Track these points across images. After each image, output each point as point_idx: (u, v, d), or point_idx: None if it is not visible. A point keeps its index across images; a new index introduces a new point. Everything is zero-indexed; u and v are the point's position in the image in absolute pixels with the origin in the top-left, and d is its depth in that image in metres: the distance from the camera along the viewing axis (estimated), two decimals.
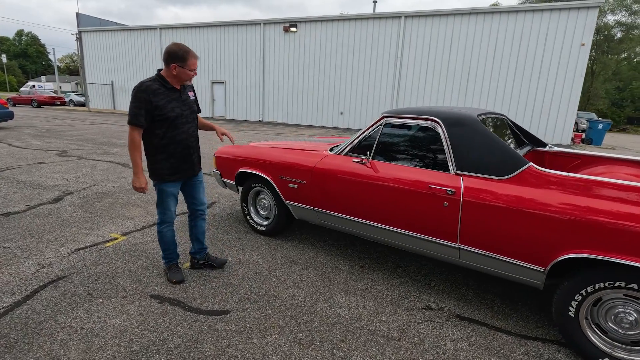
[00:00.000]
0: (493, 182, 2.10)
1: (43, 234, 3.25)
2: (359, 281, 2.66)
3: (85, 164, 6.35)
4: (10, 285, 2.39)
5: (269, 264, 2.87)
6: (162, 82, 2.27)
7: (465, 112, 2.39)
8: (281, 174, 3.07)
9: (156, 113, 2.21)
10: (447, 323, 2.20)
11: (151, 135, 2.28)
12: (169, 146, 2.31)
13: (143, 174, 2.31)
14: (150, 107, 2.18)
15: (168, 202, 2.43)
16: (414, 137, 2.52)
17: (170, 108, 2.26)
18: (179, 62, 2.22)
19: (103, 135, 10.67)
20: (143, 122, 2.19)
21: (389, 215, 2.49)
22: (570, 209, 1.84)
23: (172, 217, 2.49)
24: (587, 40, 12.45)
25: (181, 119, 2.33)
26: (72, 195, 4.42)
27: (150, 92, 2.18)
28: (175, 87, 2.32)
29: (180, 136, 2.34)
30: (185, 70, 2.25)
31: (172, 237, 2.53)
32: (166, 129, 2.28)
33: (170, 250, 2.56)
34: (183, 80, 2.32)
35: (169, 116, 2.25)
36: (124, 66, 22.07)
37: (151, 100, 2.18)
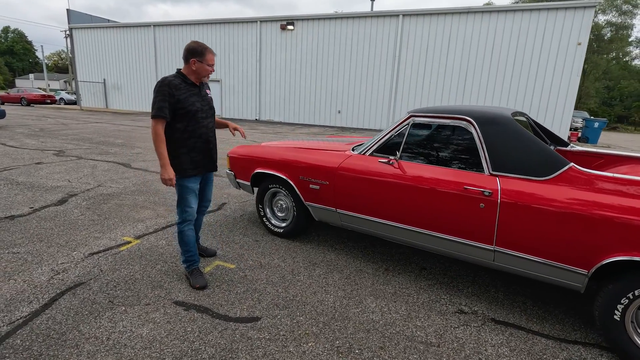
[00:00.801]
0: (533, 183, 2.05)
1: (52, 237, 3.12)
2: (386, 284, 2.60)
3: (85, 164, 6.18)
4: (26, 293, 2.27)
5: (291, 267, 2.79)
6: (182, 79, 2.34)
7: (498, 111, 2.34)
8: (302, 174, 2.98)
9: (178, 107, 2.27)
10: (483, 327, 2.15)
11: (172, 129, 2.32)
12: (189, 140, 2.36)
13: (170, 166, 2.30)
14: (173, 100, 2.24)
15: (189, 199, 2.42)
16: (444, 136, 2.47)
17: (191, 102, 2.32)
18: (197, 57, 2.30)
19: (99, 134, 10.44)
20: (167, 114, 2.24)
21: (419, 217, 2.42)
22: (617, 210, 1.79)
23: (193, 214, 2.47)
24: (583, 39, 12.58)
25: (201, 114, 2.39)
26: (77, 197, 4.28)
27: (172, 86, 2.25)
28: (195, 83, 2.39)
29: (201, 130, 2.39)
30: (204, 65, 2.32)
31: (192, 236, 2.50)
32: (187, 123, 2.33)
33: (191, 252, 2.51)
34: (202, 76, 2.37)
35: (190, 110, 2.31)
36: (117, 64, 21.69)
37: (174, 94, 2.24)
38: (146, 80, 21.02)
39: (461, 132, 2.38)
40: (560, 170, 1.99)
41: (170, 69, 19.99)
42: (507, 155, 2.15)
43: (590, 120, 13.72)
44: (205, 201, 2.70)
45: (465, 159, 2.34)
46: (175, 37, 19.40)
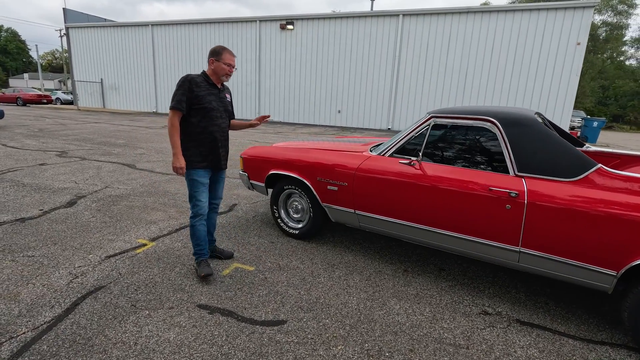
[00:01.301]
0: (560, 184, 2.05)
1: (66, 240, 3.08)
2: (407, 286, 2.59)
3: (89, 165, 6.12)
4: (46, 297, 2.24)
5: (310, 269, 2.78)
6: (205, 78, 2.49)
7: (522, 111, 2.34)
8: (319, 175, 2.97)
9: (195, 102, 2.40)
10: (509, 329, 2.15)
11: (187, 123, 2.45)
12: (200, 135, 2.46)
13: (182, 156, 2.43)
14: (191, 95, 2.38)
15: (199, 193, 2.52)
16: (466, 137, 2.46)
17: (208, 100, 2.44)
18: (215, 56, 2.46)
19: (99, 134, 10.35)
20: (184, 107, 2.38)
21: (441, 218, 2.42)
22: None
23: (204, 209, 2.55)
24: (583, 39, 12.66)
25: (216, 113, 2.49)
26: (86, 199, 4.23)
27: (194, 82, 2.40)
28: (216, 84, 2.53)
29: (212, 128, 2.49)
30: (220, 63, 2.44)
31: (204, 231, 2.60)
32: (201, 118, 2.44)
33: (201, 246, 2.61)
34: (220, 74, 2.49)
35: (206, 107, 2.43)
36: (114, 64, 21.53)
37: (193, 89, 2.38)
38: (144, 80, 20.89)
39: (484, 133, 2.38)
40: (589, 171, 1.99)
41: (169, 68, 19.89)
42: (533, 156, 2.15)
43: (590, 119, 13.82)
44: (216, 198, 2.75)
45: (489, 160, 2.34)
46: (174, 36, 19.29)
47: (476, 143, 2.41)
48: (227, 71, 2.47)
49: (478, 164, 2.37)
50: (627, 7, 29.75)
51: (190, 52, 19.15)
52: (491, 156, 2.33)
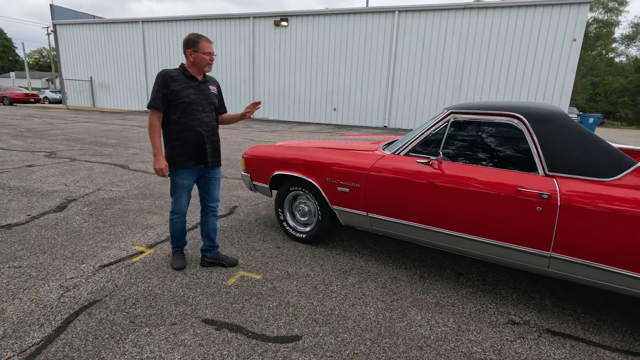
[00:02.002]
0: (597, 184, 1.90)
1: (56, 248, 2.86)
2: (426, 293, 2.43)
3: (80, 166, 5.86)
4: (35, 315, 2.03)
5: (321, 276, 2.60)
6: (182, 71, 2.35)
7: (549, 107, 2.19)
8: (329, 176, 2.79)
9: (172, 97, 2.28)
10: (541, 340, 2.00)
11: (167, 121, 2.35)
12: (182, 132, 2.34)
13: (162, 156, 2.34)
14: (167, 91, 2.26)
15: (179, 194, 2.46)
16: (488, 135, 2.30)
17: (186, 94, 2.30)
18: (192, 47, 2.30)
19: (89, 134, 10.03)
20: (160, 105, 2.27)
21: (464, 221, 2.26)
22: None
23: (182, 208, 2.52)
24: (578, 35, 12.65)
25: (197, 106, 2.35)
26: (77, 202, 4.00)
27: (168, 77, 2.27)
28: (196, 76, 2.37)
29: (194, 122, 2.35)
30: (199, 53, 2.30)
31: (181, 228, 2.60)
32: (181, 114, 2.32)
33: (177, 238, 2.64)
34: (201, 65, 2.34)
35: (184, 101, 2.29)
36: (104, 61, 21.04)
37: (168, 84, 2.26)
38: (135, 78, 20.45)
39: (508, 130, 2.22)
40: (628, 170, 1.85)
41: (161, 66, 19.48)
42: (565, 154, 2.00)
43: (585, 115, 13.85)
44: (212, 201, 2.60)
45: (515, 159, 2.18)
46: (165, 33, 18.89)
47: (500, 140, 2.25)
48: (208, 61, 2.32)
49: (502, 162, 2.22)
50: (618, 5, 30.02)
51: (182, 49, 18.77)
52: (517, 154, 2.17)
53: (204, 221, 2.63)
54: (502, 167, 2.21)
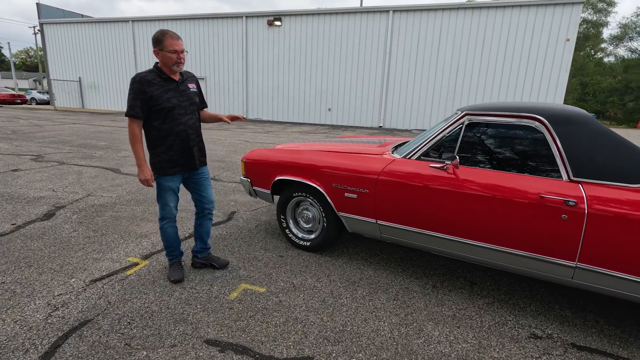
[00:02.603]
0: (626, 190, 1.79)
1: (43, 261, 2.67)
2: (440, 305, 2.30)
3: (68, 170, 5.62)
4: (19, 338, 1.85)
5: (329, 288, 2.46)
6: (157, 73, 2.21)
7: (571, 108, 2.07)
8: (335, 182, 2.65)
9: (152, 103, 2.16)
10: (568, 356, 1.88)
11: (149, 127, 2.24)
12: (167, 138, 2.24)
13: (147, 166, 2.26)
14: (145, 97, 2.14)
15: (166, 197, 2.36)
16: (506, 138, 2.18)
17: (166, 98, 2.19)
18: (157, 46, 2.16)
19: (78, 136, 9.74)
20: (139, 113, 2.15)
21: (482, 229, 2.13)
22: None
23: (171, 212, 2.39)
24: (572, 35, 12.71)
25: (178, 110, 2.25)
26: (65, 210, 3.79)
27: (144, 82, 2.14)
28: (172, 77, 2.25)
29: (178, 127, 2.26)
30: (165, 52, 2.15)
31: (173, 233, 2.45)
32: (163, 120, 2.21)
33: (172, 247, 2.49)
34: (169, 65, 2.20)
35: (165, 107, 2.18)
36: (93, 61, 20.59)
37: (146, 90, 2.13)
38: (125, 78, 20.06)
39: (528, 133, 2.10)
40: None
41: (151, 64, 19.09)
42: (590, 158, 1.89)
43: None
44: (207, 202, 2.52)
45: (535, 163, 2.06)
46: None
47: (519, 144, 2.13)
48: (175, 59, 2.16)
49: (522, 167, 2.09)
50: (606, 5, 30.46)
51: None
52: (537, 159, 2.05)
53: (198, 224, 2.59)
54: (521, 171, 2.09)
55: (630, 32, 30.78)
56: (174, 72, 2.25)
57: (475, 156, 2.24)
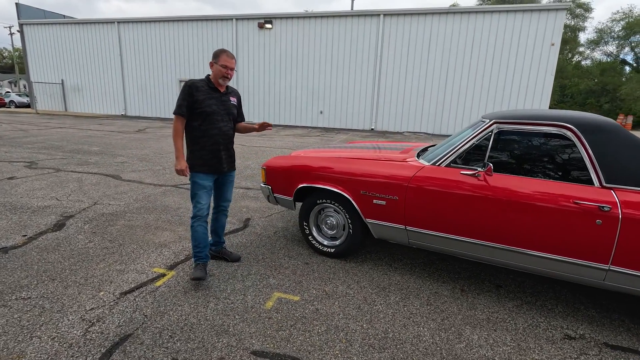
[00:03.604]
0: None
1: (65, 274, 2.59)
2: (473, 309, 2.36)
3: (67, 177, 5.46)
4: (62, 357, 1.79)
5: (361, 295, 2.48)
6: (207, 82, 2.52)
7: (600, 117, 2.17)
8: (363, 188, 2.67)
9: (195, 106, 2.43)
10: (603, 355, 1.96)
11: (189, 126, 2.50)
12: (202, 139, 2.49)
13: (184, 158, 2.48)
14: (192, 100, 2.42)
15: (200, 195, 2.52)
16: (536, 145, 2.25)
17: (208, 104, 2.46)
18: (214, 59, 2.49)
19: (68, 141, 9.46)
20: (184, 112, 2.43)
21: (515, 235, 2.20)
22: None
23: (203, 211, 2.53)
24: (556, 40, 13.15)
25: (217, 116, 2.50)
26: (75, 219, 3.69)
27: (194, 87, 2.44)
28: (218, 88, 2.53)
29: (213, 131, 2.50)
30: (217, 66, 2.46)
31: (202, 233, 2.56)
32: (201, 122, 2.47)
33: (199, 249, 2.57)
34: (217, 77, 2.48)
35: (205, 111, 2.45)
36: (77, 63, 20.04)
37: (193, 94, 2.42)
38: (111, 80, 19.60)
39: (558, 141, 2.18)
40: None
41: (138, 68, 18.77)
42: (622, 165, 1.97)
43: None
44: (224, 201, 2.76)
45: (565, 170, 2.14)
46: (144, 34, 18.21)
47: (548, 151, 2.21)
48: (224, 73, 2.47)
49: (552, 174, 2.17)
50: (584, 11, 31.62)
51: (161, 51, 18.16)
52: (568, 166, 2.13)
53: (214, 218, 2.81)
54: (552, 178, 2.16)
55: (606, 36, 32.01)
56: (221, 84, 2.53)
57: (505, 163, 2.31)
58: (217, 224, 2.81)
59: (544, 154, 2.22)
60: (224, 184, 2.72)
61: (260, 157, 7.81)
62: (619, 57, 34.46)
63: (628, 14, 30.20)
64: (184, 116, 2.45)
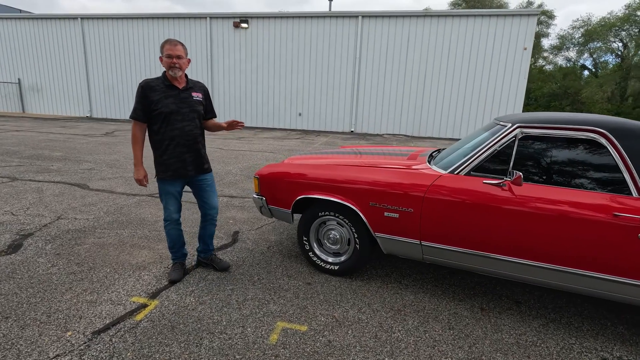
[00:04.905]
0: None
1: (21, 310, 2.15)
2: (499, 331, 2.14)
3: (25, 187, 4.86)
4: None
5: (376, 320, 2.21)
6: (162, 80, 2.35)
7: (634, 121, 2.01)
8: (373, 200, 2.41)
9: (152, 108, 2.29)
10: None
11: (150, 131, 2.38)
12: (162, 142, 2.36)
13: (142, 166, 2.41)
14: (147, 102, 2.28)
15: (166, 200, 2.46)
16: (565, 151, 2.07)
17: (165, 104, 2.30)
18: (160, 52, 2.33)
19: (26, 146, 8.63)
20: (141, 115, 2.30)
21: (546, 249, 2.00)
22: None
23: (171, 215, 2.48)
24: (529, 45, 13.54)
25: (176, 116, 2.33)
26: (35, 238, 3.19)
27: (147, 88, 2.29)
28: (175, 84, 2.36)
29: (173, 132, 2.34)
30: (162, 57, 2.30)
31: (175, 235, 2.54)
32: (160, 124, 2.33)
33: (175, 248, 2.59)
34: (167, 70, 2.32)
35: (163, 111, 2.29)
36: (36, 61, 18.63)
37: (147, 95, 2.27)
38: (74, 80, 18.36)
39: (589, 146, 2.01)
40: None
41: (105, 68, 17.70)
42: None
43: None
44: (210, 208, 2.61)
45: (598, 179, 1.97)
46: (110, 31, 17.18)
47: (579, 158, 2.03)
48: (170, 63, 2.27)
49: (584, 183, 1.99)
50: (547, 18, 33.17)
51: (130, 50, 17.21)
52: (600, 174, 1.96)
53: (202, 227, 2.69)
54: (584, 188, 1.99)
55: (567, 43, 33.72)
56: (174, 77, 2.33)
57: (532, 171, 2.12)
58: (205, 233, 2.69)
59: (574, 161, 2.05)
60: (202, 189, 2.55)
61: (240, 162, 7.40)
62: (579, 62, 36.38)
63: (587, 22, 31.93)
64: (141, 120, 2.32)
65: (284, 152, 9.10)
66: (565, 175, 2.05)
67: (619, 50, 31.41)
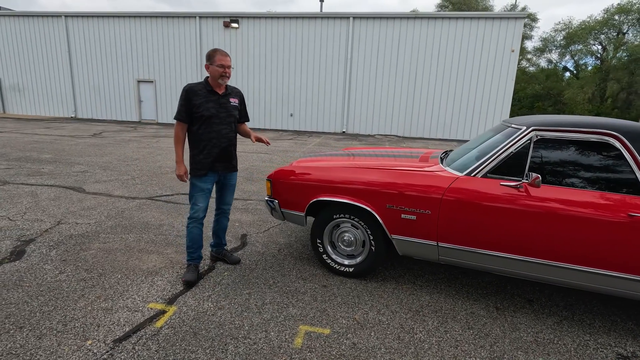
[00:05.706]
0: None
1: (35, 319, 2.09)
2: (516, 330, 2.19)
3: (19, 191, 4.71)
4: None
5: (396, 322, 2.23)
6: (205, 85, 2.50)
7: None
8: (390, 202, 2.43)
9: (194, 111, 2.45)
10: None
11: (190, 131, 2.54)
12: (200, 142, 2.51)
13: (183, 164, 2.54)
14: (190, 105, 2.44)
15: (197, 197, 2.56)
16: (580, 154, 2.14)
17: (206, 108, 2.45)
18: (208, 61, 2.46)
19: (13, 148, 8.36)
20: (184, 117, 2.45)
21: (564, 249, 2.06)
22: None
23: (199, 213, 2.57)
24: (516, 47, 13.85)
25: (215, 119, 2.49)
26: (37, 244, 3.10)
27: (191, 92, 2.44)
28: (217, 90, 2.51)
29: (211, 134, 2.50)
30: (214, 66, 2.44)
31: (197, 235, 2.61)
32: (199, 126, 2.49)
33: (194, 249, 2.63)
34: (216, 78, 2.46)
35: (204, 115, 2.45)
36: (17, 60, 18.05)
37: (191, 98, 2.43)
38: (58, 80, 17.87)
39: (603, 149, 2.08)
40: None
41: (90, 67, 17.28)
42: None
43: None
44: (224, 204, 2.79)
45: (613, 181, 2.04)
46: (96, 29, 16.77)
47: (593, 161, 2.10)
48: (221, 72, 2.44)
49: (599, 184, 2.06)
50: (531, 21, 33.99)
51: (117, 49, 16.85)
52: (615, 176, 2.03)
53: (216, 220, 2.83)
54: (600, 189, 2.05)
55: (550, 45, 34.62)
56: (220, 85, 2.50)
57: (547, 173, 2.17)
58: (219, 227, 2.83)
59: (588, 163, 2.11)
60: (226, 188, 2.73)
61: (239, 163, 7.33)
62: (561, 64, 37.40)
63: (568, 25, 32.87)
64: (184, 121, 2.47)
65: (279, 153, 9.07)
66: (580, 177, 2.11)
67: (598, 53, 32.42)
